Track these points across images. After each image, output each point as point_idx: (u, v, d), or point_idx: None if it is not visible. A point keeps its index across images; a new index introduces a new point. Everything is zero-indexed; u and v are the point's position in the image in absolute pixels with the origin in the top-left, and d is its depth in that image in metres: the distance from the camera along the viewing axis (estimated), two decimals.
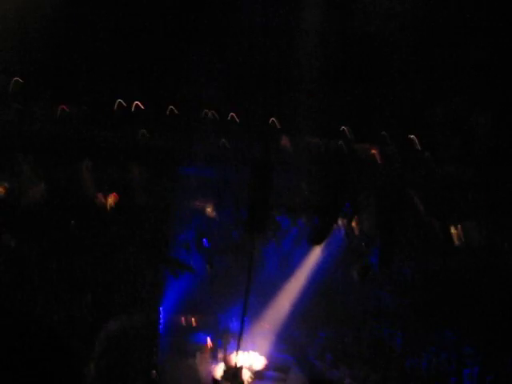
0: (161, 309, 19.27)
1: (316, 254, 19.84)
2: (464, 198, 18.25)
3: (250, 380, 17.68)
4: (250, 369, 18.04)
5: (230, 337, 19.13)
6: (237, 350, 17.56)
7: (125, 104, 18.70)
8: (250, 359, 18.46)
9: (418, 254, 19.07)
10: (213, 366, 18.42)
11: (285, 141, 18.67)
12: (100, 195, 18.58)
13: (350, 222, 18.42)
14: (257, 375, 17.87)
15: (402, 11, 16.86)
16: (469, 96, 16.59)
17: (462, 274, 19.26)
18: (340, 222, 18.38)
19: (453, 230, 19.01)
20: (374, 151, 18.25)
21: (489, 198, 18.12)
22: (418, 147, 17.76)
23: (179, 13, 17.56)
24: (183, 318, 20.06)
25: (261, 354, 18.95)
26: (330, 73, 17.75)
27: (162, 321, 19.10)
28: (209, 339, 19.38)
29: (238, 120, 18.62)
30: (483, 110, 16.76)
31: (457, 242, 18.72)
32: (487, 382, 17.23)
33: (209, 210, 20.56)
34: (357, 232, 18.80)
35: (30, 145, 17.70)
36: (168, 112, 18.55)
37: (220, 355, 18.86)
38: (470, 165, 17.53)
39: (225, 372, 17.67)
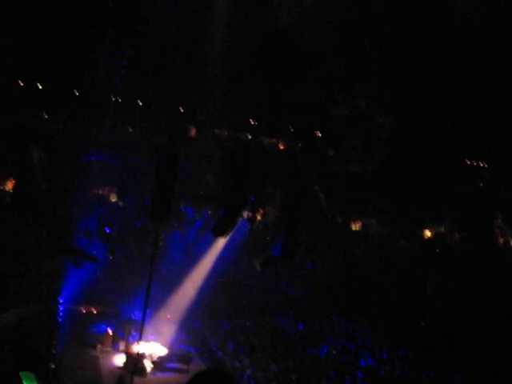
0: (61, 299, 19.83)
1: (220, 246, 21.08)
2: (365, 194, 19.98)
3: (151, 370, 18.52)
4: (151, 359, 18.86)
5: (131, 327, 19.87)
6: (138, 340, 18.29)
7: (22, 84, 18.94)
8: (152, 349, 19.33)
9: (319, 246, 20.72)
10: (114, 356, 19.21)
11: (192, 131, 19.62)
12: None
13: (254, 214, 19.60)
14: (158, 365, 18.78)
15: (313, 9, 18.17)
16: (372, 98, 18.15)
17: (361, 266, 21.18)
18: (245, 214, 19.45)
19: (353, 225, 20.84)
20: (280, 145, 19.55)
21: (387, 194, 19.96)
22: (322, 143, 19.24)
23: None
24: (84, 309, 20.71)
25: (163, 345, 19.89)
26: (240, 66, 18.81)
27: (61, 311, 19.68)
28: (110, 329, 20.10)
29: (144, 107, 19.40)
30: (384, 112, 18.40)
31: (357, 236, 20.55)
32: (382, 374, 18.94)
33: (112, 197, 21.25)
34: (261, 224, 20.09)
35: None
36: (72, 96, 19.01)
37: (121, 345, 19.65)
38: (370, 162, 19.17)
39: (126, 362, 18.44)
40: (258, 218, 19.95)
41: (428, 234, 21.43)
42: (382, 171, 19.41)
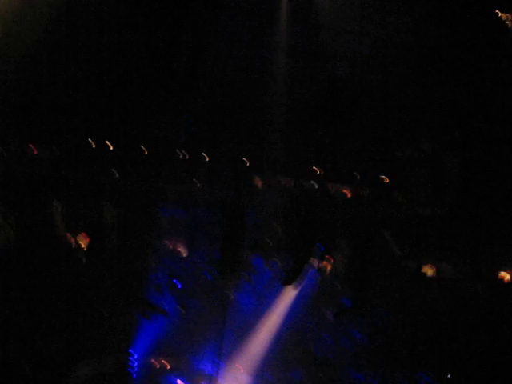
0: (132, 352, 19.90)
1: (290, 296, 20.70)
2: (438, 239, 19.30)
3: None
4: None
5: (202, 380, 19.74)
6: None
7: (94, 144, 19.61)
8: None
9: (392, 293, 20.00)
10: None
11: (258, 182, 19.64)
12: (71, 237, 19.30)
13: (323, 263, 19.29)
14: None
15: (371, 54, 18.15)
16: (438, 137, 17.76)
17: (436, 314, 20.24)
18: (313, 262, 19.18)
19: (427, 271, 20.02)
20: (345, 191, 19.27)
21: (461, 237, 19.19)
22: (389, 187, 18.85)
23: (145, 52, 18.60)
24: (155, 361, 20.67)
25: None
26: (301, 113, 18.89)
27: (133, 364, 19.72)
28: (181, 382, 19.98)
29: (208, 160, 19.62)
30: (453, 151, 17.92)
31: (431, 282, 19.70)
32: None
33: (181, 251, 21.34)
34: (330, 272, 19.67)
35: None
36: (138, 152, 19.50)
37: None
38: (440, 205, 18.60)
39: None
40: (328, 267, 19.53)
41: (508, 277, 20.36)
42: (454, 213, 18.78)
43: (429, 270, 20.35)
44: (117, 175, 19.16)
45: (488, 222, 18.34)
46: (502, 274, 19.86)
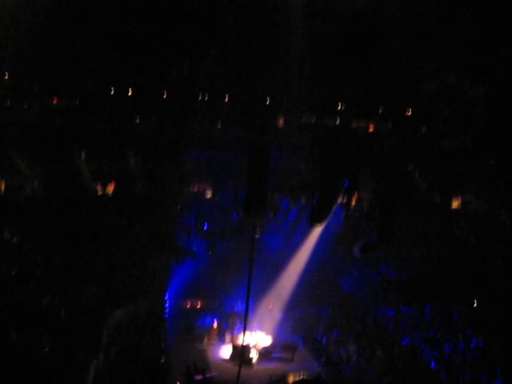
0: (166, 295, 20.33)
1: (317, 234, 20.86)
2: (463, 170, 19.17)
3: (256, 360, 18.65)
4: (256, 349, 18.99)
5: (235, 318, 20.15)
6: (243, 331, 18.44)
7: (115, 92, 19.50)
8: (257, 340, 19.47)
9: (419, 228, 20.05)
10: (220, 348, 19.48)
11: (280, 121, 19.50)
12: (98, 185, 19.53)
13: (349, 199, 19.26)
14: (264, 356, 18.87)
15: None
16: (463, 70, 17.36)
17: (463, 245, 20.30)
18: (339, 200, 19.14)
19: (453, 203, 20.03)
20: (370, 127, 19.08)
21: (486, 168, 19.04)
22: (414, 122, 18.62)
23: None
24: (188, 303, 21.14)
25: (267, 335, 19.97)
26: (324, 50, 18.48)
27: (167, 307, 20.18)
28: (215, 322, 20.43)
29: (231, 102, 19.47)
30: (478, 83, 17.56)
31: (457, 215, 19.73)
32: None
33: (208, 194, 21.52)
34: (355, 208, 19.72)
35: (24, 139, 18.55)
36: (161, 97, 19.37)
37: (227, 338, 19.93)
38: (466, 137, 18.38)
39: (232, 353, 18.67)
40: (353, 203, 19.55)
41: None
42: (479, 145, 18.57)
43: (455, 203, 20.36)
44: (141, 122, 19.18)
45: None
46: None
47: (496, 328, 17.57)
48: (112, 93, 19.42)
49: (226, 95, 19.48)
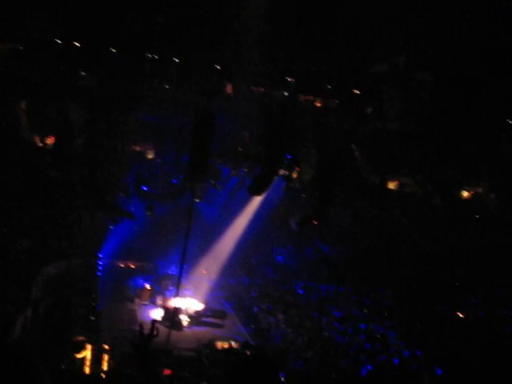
0: (100, 254, 20.22)
1: (255, 204, 21.11)
2: (402, 153, 19.68)
3: (187, 324, 18.86)
4: (187, 313, 19.19)
5: (168, 282, 20.24)
6: (175, 295, 18.57)
7: (62, 43, 18.92)
8: (188, 304, 19.66)
9: (355, 206, 20.56)
10: (151, 309, 19.60)
11: (229, 88, 19.44)
12: (37, 138, 19.03)
13: (290, 172, 19.51)
14: (194, 320, 19.11)
15: None
16: (412, 55, 17.72)
17: (396, 227, 21.00)
18: (281, 172, 19.35)
19: (391, 185, 20.59)
20: (317, 103, 19.30)
21: (426, 154, 19.62)
22: (360, 101, 18.94)
23: None
24: (122, 264, 21.10)
25: (199, 300, 20.20)
26: (278, 23, 18.47)
27: (101, 266, 20.09)
28: (147, 284, 20.48)
29: (181, 65, 19.24)
30: (425, 69, 17.97)
31: (394, 196, 20.30)
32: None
33: (149, 154, 21.33)
34: (296, 181, 19.97)
35: None
36: (109, 54, 18.94)
37: (159, 300, 20.04)
38: (409, 121, 18.85)
39: (163, 316, 18.80)
40: (294, 176, 19.81)
41: (465, 194, 21.09)
42: (421, 130, 19.07)
43: (392, 184, 20.93)
44: (83, 74, 18.69)
45: (454, 141, 18.72)
46: (462, 192, 20.57)
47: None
48: (59, 43, 18.86)
49: (176, 58, 19.21)
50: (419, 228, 20.77)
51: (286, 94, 19.25)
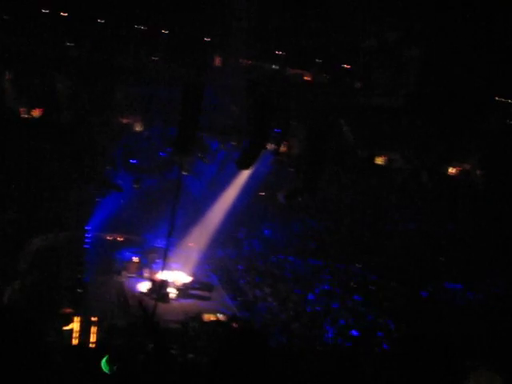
0: (87, 226, 20.21)
1: (243, 177, 21.13)
2: (391, 129, 19.71)
3: (174, 296, 19.02)
4: (174, 286, 19.34)
5: (156, 255, 20.35)
6: (162, 268, 18.68)
7: (48, 11, 18.63)
8: (176, 277, 19.80)
9: (342, 180, 20.65)
10: (138, 282, 19.72)
11: (218, 61, 19.29)
12: (23, 109, 18.81)
13: (278, 146, 19.50)
14: (181, 292, 19.27)
15: None
16: (402, 30, 17.66)
17: (382, 201, 21.17)
18: (269, 146, 19.34)
19: (378, 159, 20.60)
20: (306, 78, 19.21)
21: (414, 130, 19.67)
22: (349, 75, 18.89)
23: None
24: (109, 237, 21.13)
25: (186, 273, 20.35)
26: None
27: (88, 238, 20.10)
28: (134, 257, 20.57)
29: (169, 37, 19.02)
30: (415, 44, 17.92)
31: (381, 170, 20.33)
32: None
33: (137, 127, 21.15)
34: (285, 157, 19.99)
35: None
36: (96, 24, 18.68)
37: (146, 272, 20.16)
38: (398, 97, 18.83)
39: (150, 288, 18.95)
40: (283, 150, 19.82)
41: (452, 170, 21.19)
42: (410, 106, 19.08)
43: (379, 159, 20.96)
44: (69, 45, 18.45)
45: (441, 117, 18.76)
46: (448, 167, 20.65)
47: None
48: (44, 14, 18.56)
49: (164, 29, 19.00)
50: (406, 203, 20.96)
51: (275, 67, 19.13)
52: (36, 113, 19.46)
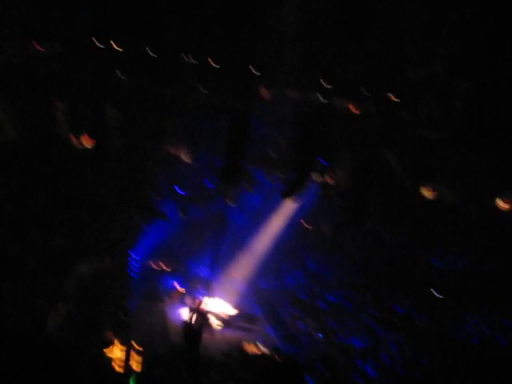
0: (132, 253, 20.28)
1: (289, 209, 20.95)
2: (438, 161, 19.33)
3: (217, 326, 18.83)
4: (217, 316, 19.16)
5: (199, 284, 20.27)
6: (205, 297, 18.57)
7: (100, 44, 19.09)
8: (218, 307, 19.63)
9: (390, 212, 20.27)
10: (181, 311, 19.60)
11: (264, 92, 19.35)
12: (74, 137, 19.18)
13: (324, 178, 19.35)
14: (224, 323, 19.06)
15: None
16: (451, 61, 17.39)
17: (433, 233, 20.63)
18: (314, 177, 19.23)
19: (425, 191, 20.19)
20: (351, 107, 19.07)
21: (462, 162, 19.23)
22: (396, 107, 18.65)
23: None
24: (154, 264, 21.13)
25: (229, 302, 20.14)
26: (312, 26, 18.32)
27: (132, 265, 20.14)
28: (178, 285, 20.50)
29: (216, 67, 19.21)
30: (464, 76, 17.62)
31: (429, 203, 19.89)
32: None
33: (184, 157, 21.32)
34: (330, 187, 19.79)
35: (1, 83, 18.11)
36: (145, 54, 19.04)
37: (189, 301, 20.04)
38: (445, 128, 18.49)
39: (192, 318, 18.78)
40: (329, 182, 19.63)
41: (503, 205, 20.58)
42: (459, 138, 18.71)
43: (427, 192, 20.54)
44: (123, 76, 18.82)
45: (490, 151, 18.30)
46: (498, 201, 20.07)
47: None
48: (97, 45, 19.02)
49: (212, 60, 19.20)
50: (454, 237, 20.40)
51: (322, 98, 19.06)
52: (86, 141, 19.84)
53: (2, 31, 18.59)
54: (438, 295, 19.71)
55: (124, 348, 14.51)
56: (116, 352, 14.52)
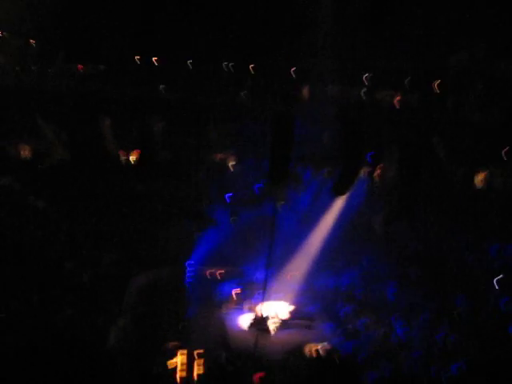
0: (188, 262, 20.43)
1: (339, 205, 20.71)
2: (487, 145, 18.79)
3: (276, 329, 18.76)
4: (275, 318, 19.10)
5: (255, 288, 20.22)
6: (262, 301, 18.52)
7: (139, 61, 19.47)
8: (275, 309, 19.55)
9: (440, 202, 19.77)
10: (239, 316, 19.60)
11: (305, 91, 19.26)
12: (122, 152, 19.52)
13: (372, 171, 19.08)
14: (282, 324, 18.98)
15: None
16: (492, 43, 16.95)
17: (483, 220, 20.00)
18: (362, 171, 18.96)
19: (477, 177, 19.66)
20: (396, 99, 18.77)
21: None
22: (441, 94, 18.27)
23: None
24: (208, 270, 21.23)
25: (285, 304, 20.04)
26: (351, 20, 18.14)
27: (189, 274, 20.29)
28: (234, 291, 20.52)
29: (256, 71, 19.27)
30: (506, 57, 17.14)
31: (480, 188, 19.34)
32: None
33: (230, 162, 21.40)
34: (379, 182, 19.49)
35: (50, 105, 18.59)
36: (185, 66, 19.28)
37: (246, 306, 20.03)
38: (493, 111, 18.00)
39: (251, 322, 18.80)
40: (377, 175, 19.33)
41: None
42: (506, 119, 18.18)
43: (478, 178, 20.00)
44: (166, 90, 19.11)
45: None
46: None
47: None
48: (137, 60, 19.38)
49: (251, 64, 19.27)
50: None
51: (363, 91, 18.84)
52: (134, 155, 20.16)
53: (46, 56, 19.15)
54: (497, 286, 18.99)
55: (186, 354, 14.58)
56: (178, 359, 14.60)
